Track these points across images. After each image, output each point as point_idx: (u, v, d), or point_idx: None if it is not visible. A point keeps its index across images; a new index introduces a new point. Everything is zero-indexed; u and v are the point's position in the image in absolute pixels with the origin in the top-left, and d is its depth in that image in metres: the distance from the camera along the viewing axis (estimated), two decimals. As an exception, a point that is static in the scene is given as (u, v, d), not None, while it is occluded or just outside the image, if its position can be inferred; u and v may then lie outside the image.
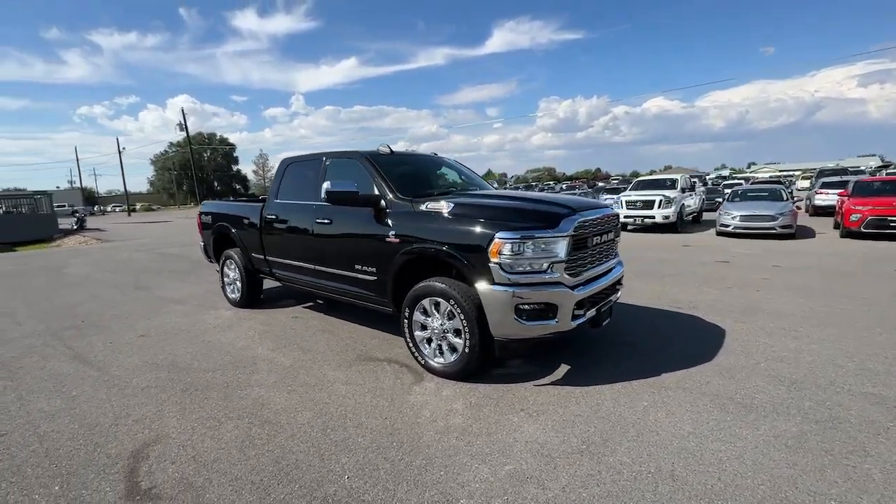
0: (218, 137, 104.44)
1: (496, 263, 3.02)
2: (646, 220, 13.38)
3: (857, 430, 2.59)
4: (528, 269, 3.02)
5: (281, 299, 6.18)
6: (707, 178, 51.94)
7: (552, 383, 3.35)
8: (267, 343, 4.45)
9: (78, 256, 12.67)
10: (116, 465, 2.50)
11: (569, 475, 2.27)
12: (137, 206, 64.43)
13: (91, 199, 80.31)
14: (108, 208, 70.26)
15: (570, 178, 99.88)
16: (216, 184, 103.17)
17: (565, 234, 3.05)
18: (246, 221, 5.39)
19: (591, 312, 3.36)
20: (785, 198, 12.41)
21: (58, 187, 76.10)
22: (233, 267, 5.80)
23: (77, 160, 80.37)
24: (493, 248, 3.02)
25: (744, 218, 11.33)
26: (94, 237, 19.37)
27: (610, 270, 3.72)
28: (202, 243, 6.47)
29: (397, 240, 3.60)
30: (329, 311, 5.49)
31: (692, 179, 16.38)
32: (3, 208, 22.85)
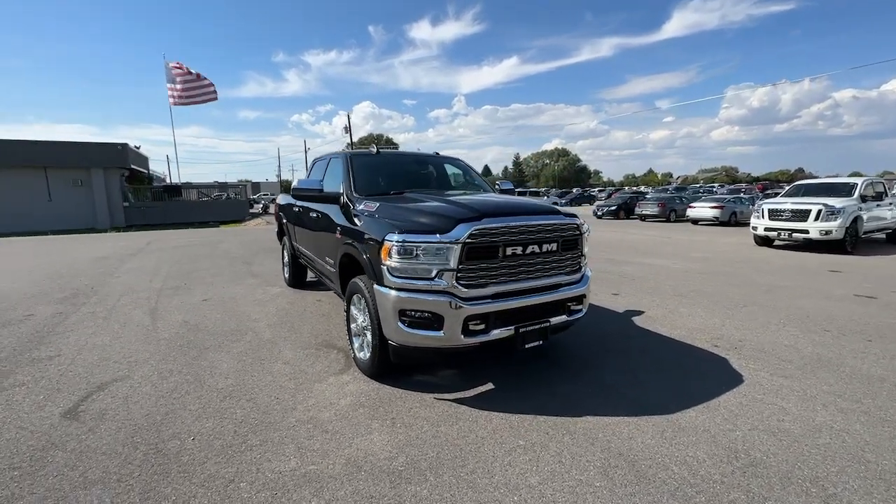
0: (384, 138, 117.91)
1: (385, 266, 2.96)
2: (794, 234, 10.58)
3: (764, 547, 1.82)
4: (415, 274, 2.88)
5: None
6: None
7: (454, 399, 3.12)
8: (272, 319, 5.11)
9: (239, 235, 16.09)
10: (83, 390, 3.31)
11: (352, 490, 2.17)
12: (317, 197, 77.40)
13: (288, 189, 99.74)
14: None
15: (756, 180, 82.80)
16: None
17: (455, 240, 2.81)
18: (290, 211, 6.21)
19: (504, 331, 3.01)
20: None
21: (266, 179, 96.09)
22: (286, 251, 6.75)
23: (279, 158, 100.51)
24: (383, 250, 2.97)
25: (948, 240, 8.04)
26: (267, 220, 24.14)
27: (550, 288, 3.23)
28: (277, 230, 7.65)
29: (339, 235, 3.78)
30: (347, 299, 5.96)
31: (884, 185, 12.19)
32: (225, 195, 31.30)
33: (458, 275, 2.85)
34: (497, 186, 5.15)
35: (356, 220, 3.61)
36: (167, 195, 26.51)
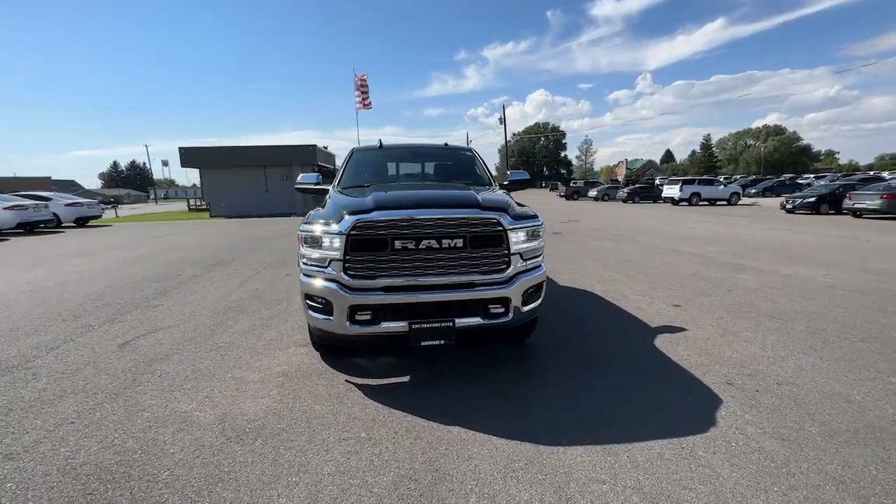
0: (550, 126, 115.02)
1: (299, 253, 3.26)
2: None
3: None
4: (314, 262, 3.09)
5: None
6: None
7: (359, 384, 3.25)
8: (312, 294, 5.93)
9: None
10: (145, 330, 4.57)
11: (195, 437, 2.58)
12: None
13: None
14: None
15: None
16: (545, 168, 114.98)
17: (338, 232, 2.91)
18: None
19: (395, 325, 2.98)
20: None
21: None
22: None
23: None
24: (297, 237, 3.27)
25: None
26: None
27: (460, 286, 3.00)
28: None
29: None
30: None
31: None
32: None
33: (346, 265, 2.95)
34: (508, 177, 4.83)
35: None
36: (343, 187, 31.61)
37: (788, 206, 19.32)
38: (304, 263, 3.19)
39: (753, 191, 33.91)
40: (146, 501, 2.07)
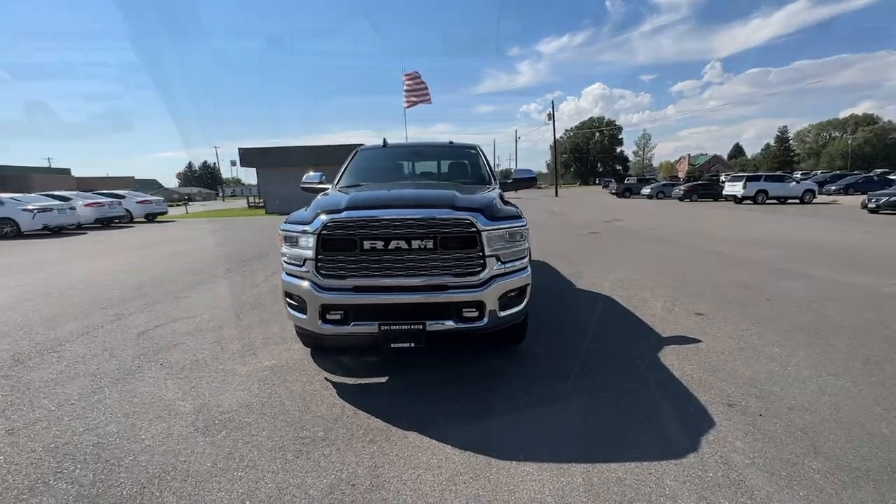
0: (605, 120, 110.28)
1: (280, 252, 3.34)
2: None
3: None
4: (292, 261, 3.15)
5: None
6: None
7: (336, 381, 3.28)
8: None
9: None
10: (164, 321, 4.90)
11: (167, 426, 2.72)
12: (528, 185, 78.91)
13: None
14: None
15: None
16: (599, 165, 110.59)
17: (311, 231, 2.93)
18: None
19: (365, 326, 2.96)
20: None
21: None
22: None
23: (494, 148, 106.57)
24: (278, 237, 3.34)
25: None
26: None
27: (432, 288, 2.93)
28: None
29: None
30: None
31: None
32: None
33: (318, 264, 2.98)
34: (513, 175, 4.66)
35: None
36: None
37: (871, 206, 17.17)
38: (284, 262, 3.25)
39: (833, 188, 30.45)
40: (104, 483, 2.20)
